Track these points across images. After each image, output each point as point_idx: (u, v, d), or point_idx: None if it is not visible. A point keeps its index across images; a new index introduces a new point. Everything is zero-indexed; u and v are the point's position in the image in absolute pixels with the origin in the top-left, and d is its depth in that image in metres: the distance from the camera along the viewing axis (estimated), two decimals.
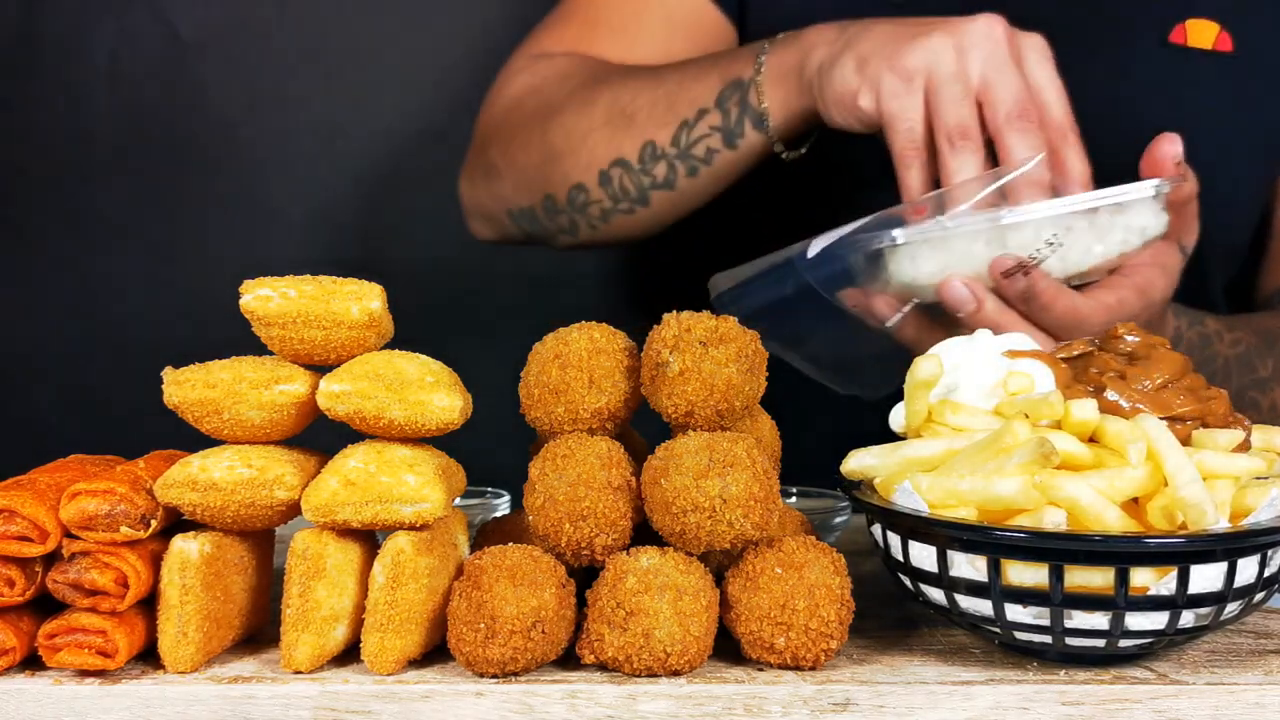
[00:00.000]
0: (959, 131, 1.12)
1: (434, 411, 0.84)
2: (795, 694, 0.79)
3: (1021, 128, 1.11)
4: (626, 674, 0.81)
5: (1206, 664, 0.84)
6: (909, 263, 1.09)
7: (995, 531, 0.79)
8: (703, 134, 1.34)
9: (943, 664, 0.84)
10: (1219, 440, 0.84)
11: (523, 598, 0.79)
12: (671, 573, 0.81)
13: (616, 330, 0.90)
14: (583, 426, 0.87)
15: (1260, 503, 0.81)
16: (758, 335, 0.86)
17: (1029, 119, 1.12)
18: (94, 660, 0.80)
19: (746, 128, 1.31)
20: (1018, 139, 1.11)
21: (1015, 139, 1.11)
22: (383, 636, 0.81)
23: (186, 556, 0.81)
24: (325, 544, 0.82)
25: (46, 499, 0.81)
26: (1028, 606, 0.80)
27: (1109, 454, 0.82)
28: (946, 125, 1.13)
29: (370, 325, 0.86)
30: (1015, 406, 0.85)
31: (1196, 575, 0.78)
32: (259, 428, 0.85)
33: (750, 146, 1.33)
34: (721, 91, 1.33)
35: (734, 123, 1.32)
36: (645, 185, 1.40)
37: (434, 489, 0.82)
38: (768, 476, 0.82)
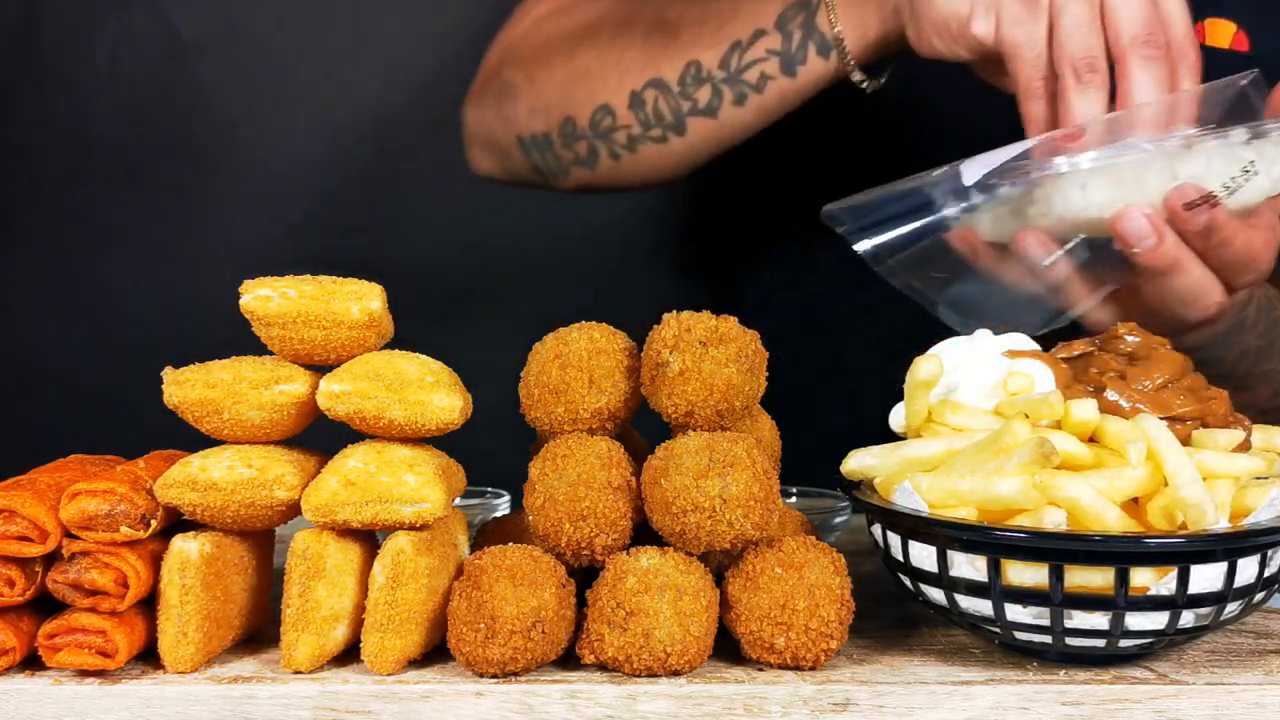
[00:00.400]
0: (1086, 65, 1.02)
1: (434, 411, 0.84)
2: (795, 694, 0.79)
3: (1148, 55, 1.02)
4: (626, 674, 0.81)
5: (1206, 664, 0.84)
6: (1078, 192, 1.00)
7: (995, 531, 0.79)
8: (757, 58, 1.22)
9: (943, 664, 0.84)
10: (1219, 440, 0.84)
11: (523, 598, 0.79)
12: (671, 573, 0.81)
13: (616, 330, 0.90)
14: (583, 426, 0.87)
15: (1260, 503, 0.81)
16: (757, 335, 0.86)
17: (1157, 45, 1.02)
18: (94, 660, 0.80)
19: (810, 53, 1.20)
20: (1142, 71, 1.01)
21: (1140, 70, 1.02)
22: (383, 636, 0.81)
23: (186, 556, 0.81)
24: (325, 544, 0.82)
25: (46, 499, 0.81)
26: (1028, 606, 0.80)
27: (1109, 454, 0.82)
28: (1073, 57, 1.02)
29: (370, 325, 0.86)
30: (1015, 406, 0.85)
31: (1196, 575, 0.78)
32: (259, 428, 0.85)
33: (812, 75, 1.21)
34: (783, 12, 1.21)
35: (795, 47, 1.20)
36: (684, 110, 1.27)
37: (434, 489, 0.82)
38: (768, 476, 0.82)
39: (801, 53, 1.20)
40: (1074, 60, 1.02)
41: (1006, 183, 1.00)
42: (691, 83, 1.25)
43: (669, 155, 1.30)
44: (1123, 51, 1.02)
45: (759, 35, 1.21)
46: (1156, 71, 1.01)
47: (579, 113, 1.32)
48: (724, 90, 1.24)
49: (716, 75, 1.24)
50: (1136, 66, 1.01)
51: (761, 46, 1.21)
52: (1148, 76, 1.01)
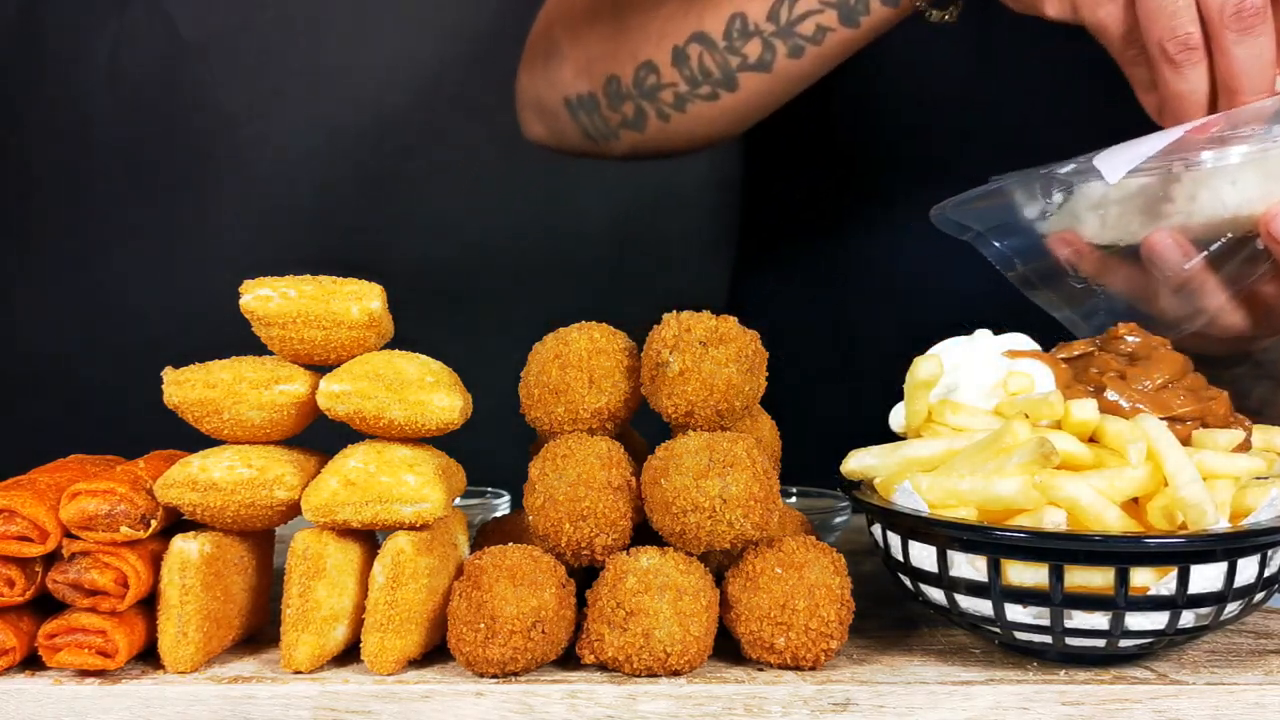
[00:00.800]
0: (1177, 45, 0.94)
1: (434, 411, 0.84)
2: (795, 694, 0.79)
3: (1243, 27, 0.92)
4: (626, 674, 0.81)
5: (1206, 664, 0.84)
6: (1229, 187, 0.93)
7: (995, 531, 0.79)
8: (810, 9, 1.14)
9: (943, 664, 0.84)
10: (1219, 440, 0.84)
11: (523, 598, 0.79)
12: (671, 573, 0.81)
13: (616, 330, 0.90)
14: (583, 426, 0.87)
15: (1260, 503, 0.81)
16: (758, 335, 0.86)
17: (1252, 12, 0.92)
18: (94, 660, 0.80)
19: (873, 3, 1.12)
20: (1238, 45, 0.92)
21: (1236, 46, 0.93)
22: (383, 636, 0.81)
23: (186, 556, 0.81)
24: (325, 544, 0.82)
25: (46, 499, 0.81)
26: (1028, 606, 0.80)
27: (1109, 454, 0.82)
28: (1160, 37, 0.94)
29: (370, 325, 0.86)
30: (1015, 406, 0.85)
31: (1196, 575, 0.78)
32: (259, 428, 0.85)
33: (876, 23, 1.13)
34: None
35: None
36: (732, 66, 1.19)
37: (434, 489, 0.82)
38: (768, 476, 0.82)
39: (862, 3, 1.12)
40: (1162, 41, 0.94)
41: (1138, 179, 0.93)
42: (738, 36, 1.17)
43: (723, 112, 1.23)
44: (1214, 27, 0.93)
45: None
46: (1254, 46, 0.93)
47: (623, 71, 1.26)
48: (775, 44, 1.16)
49: (765, 29, 1.16)
50: (1232, 42, 0.93)
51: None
52: (1245, 52, 0.93)
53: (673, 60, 1.22)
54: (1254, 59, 0.93)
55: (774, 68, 1.18)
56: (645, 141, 1.30)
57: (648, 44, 1.23)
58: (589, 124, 1.33)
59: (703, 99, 1.22)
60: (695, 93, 1.22)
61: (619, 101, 1.28)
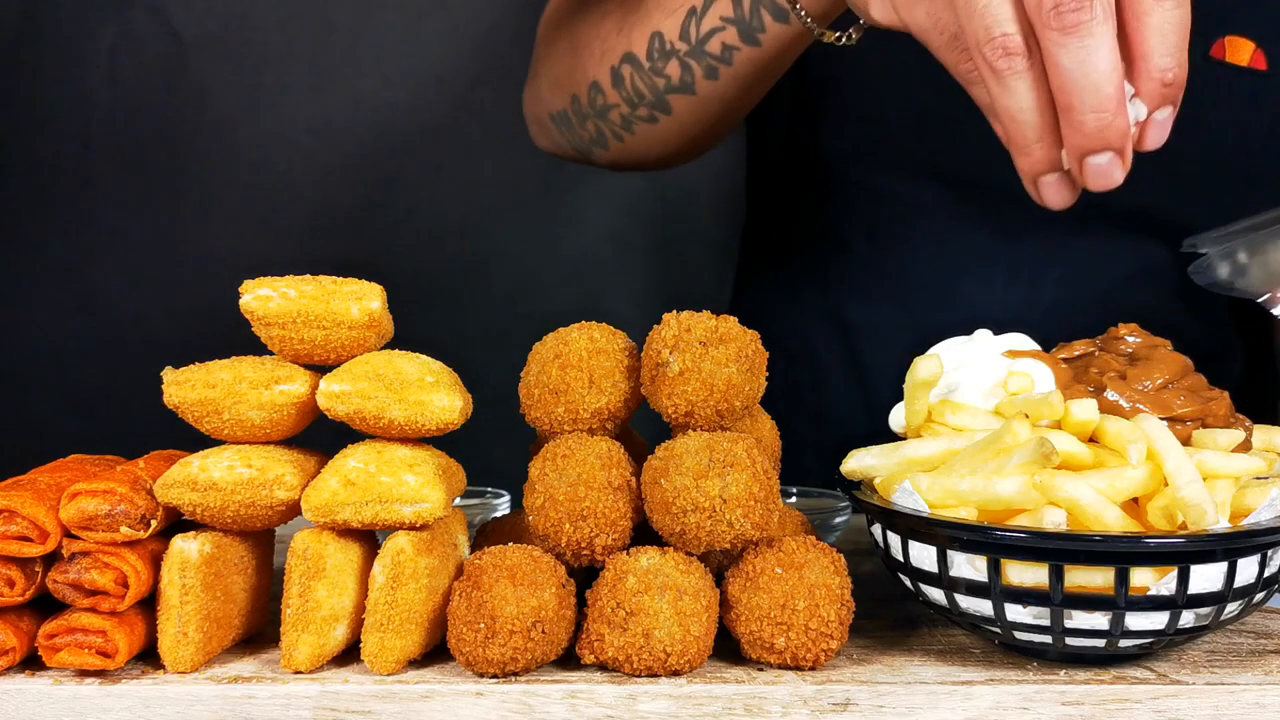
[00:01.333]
0: (996, 49, 0.80)
1: (434, 411, 0.84)
2: (795, 694, 0.79)
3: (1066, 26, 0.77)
4: (626, 674, 0.81)
5: (1206, 664, 0.84)
6: None
7: (995, 531, 0.79)
8: (714, 26, 1.08)
9: (943, 664, 0.84)
10: (1219, 440, 0.84)
11: (523, 598, 0.79)
12: (671, 573, 0.81)
13: (616, 330, 0.90)
14: (583, 426, 0.87)
15: (1260, 503, 0.81)
16: (758, 335, 0.86)
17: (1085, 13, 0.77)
18: (94, 660, 0.80)
19: (766, 20, 1.04)
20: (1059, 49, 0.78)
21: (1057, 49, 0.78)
22: (383, 636, 0.81)
23: (186, 556, 0.81)
24: (325, 544, 0.82)
25: (46, 499, 0.81)
26: (1028, 606, 0.81)
27: (1109, 454, 0.82)
28: (978, 41, 0.81)
29: (370, 325, 0.86)
30: (1015, 406, 0.85)
31: (1196, 575, 0.78)
32: (259, 428, 0.85)
33: (776, 42, 1.06)
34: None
35: (749, 13, 1.04)
36: (660, 88, 1.15)
37: (434, 489, 0.82)
38: (768, 476, 0.82)
39: (757, 19, 1.04)
40: (979, 45, 0.80)
41: None
42: (659, 57, 1.13)
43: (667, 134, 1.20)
44: (1036, 29, 0.79)
45: (711, 1, 1.08)
46: (1081, 52, 0.77)
47: (579, 90, 1.24)
48: (691, 65, 1.11)
49: (680, 48, 1.11)
50: (1054, 44, 0.78)
51: (716, 13, 1.07)
52: (1071, 59, 0.77)
53: (611, 81, 1.18)
54: (1082, 67, 0.77)
55: (696, 90, 1.13)
56: (618, 158, 1.27)
57: (592, 63, 1.20)
58: (567, 139, 1.32)
59: (643, 121, 1.19)
60: (635, 115, 1.19)
61: (583, 120, 1.26)
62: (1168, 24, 0.79)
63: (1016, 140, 0.84)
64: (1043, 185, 0.86)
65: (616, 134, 1.24)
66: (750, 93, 1.14)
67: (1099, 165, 0.82)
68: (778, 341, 0.86)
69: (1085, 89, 0.78)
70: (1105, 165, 0.82)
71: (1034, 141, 0.83)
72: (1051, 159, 0.84)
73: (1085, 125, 0.80)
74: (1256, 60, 1.31)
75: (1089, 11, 0.77)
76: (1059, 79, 0.78)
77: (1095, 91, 0.78)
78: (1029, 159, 0.84)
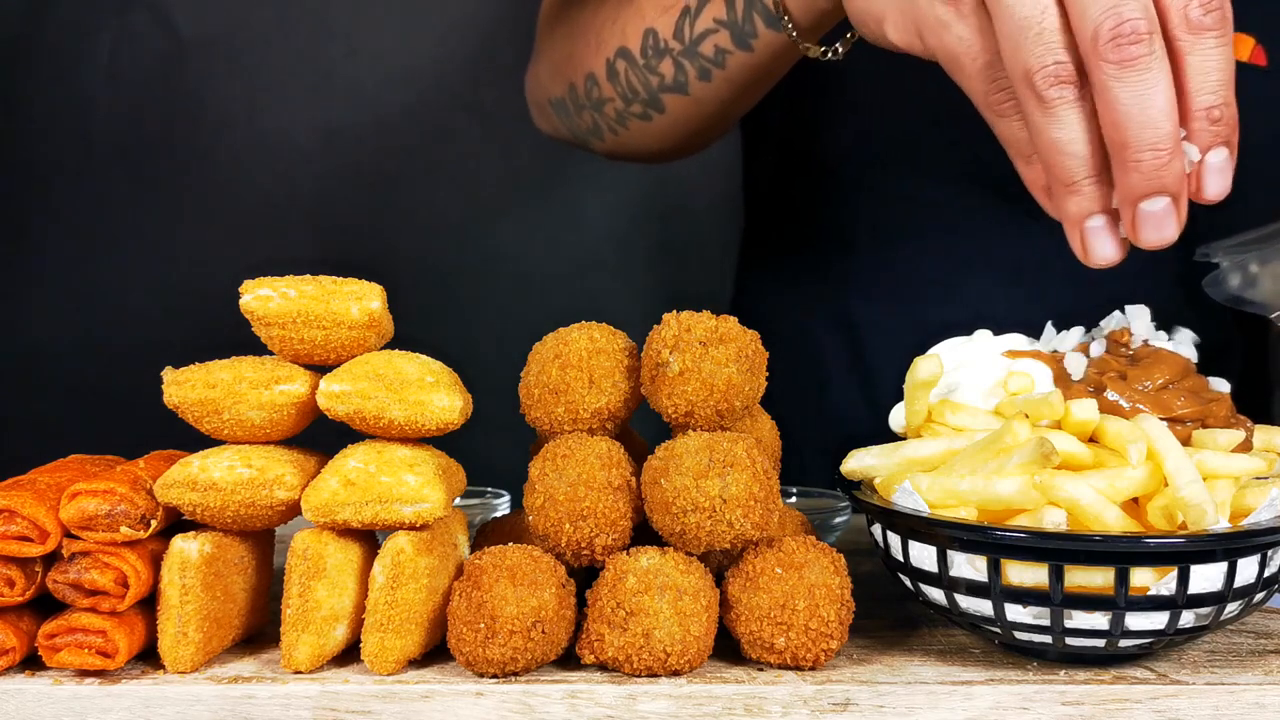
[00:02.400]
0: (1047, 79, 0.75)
1: (434, 411, 0.84)
2: (795, 694, 0.79)
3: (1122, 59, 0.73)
4: (626, 674, 0.81)
5: (1206, 664, 0.84)
6: None
7: (995, 531, 0.79)
8: (708, 29, 1.05)
9: (943, 664, 0.84)
10: (1219, 440, 0.84)
11: (523, 598, 0.79)
12: (671, 573, 0.81)
13: (616, 330, 0.90)
14: (583, 426, 0.87)
15: (1260, 503, 0.81)
16: (758, 335, 0.86)
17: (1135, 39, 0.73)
18: (94, 660, 0.80)
19: (758, 25, 1.01)
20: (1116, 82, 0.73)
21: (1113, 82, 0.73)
22: (383, 636, 0.81)
23: (186, 556, 0.81)
24: (325, 544, 0.82)
25: (46, 499, 0.81)
26: (1028, 606, 0.80)
27: (1109, 454, 0.82)
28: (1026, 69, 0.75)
29: (370, 325, 0.86)
30: (1015, 406, 0.85)
31: (1196, 575, 0.78)
32: (259, 428, 0.85)
33: (768, 48, 1.03)
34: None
35: (742, 18, 1.02)
36: (654, 86, 1.13)
37: (434, 489, 0.82)
38: (768, 476, 0.82)
39: (750, 25, 1.01)
40: (1028, 73, 0.76)
41: None
42: (652, 54, 1.10)
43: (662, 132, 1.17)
44: (1087, 60, 0.75)
45: (705, 2, 1.05)
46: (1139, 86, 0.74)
47: (577, 80, 1.21)
48: (685, 64, 1.08)
49: (674, 47, 1.08)
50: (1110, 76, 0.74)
51: (709, 15, 1.05)
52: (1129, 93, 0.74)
53: (606, 74, 1.16)
54: (1140, 102, 0.74)
55: (690, 90, 1.10)
56: (614, 150, 1.25)
57: (589, 54, 1.18)
58: (567, 126, 1.30)
59: (637, 118, 1.16)
60: (630, 111, 1.16)
61: (579, 110, 1.24)
62: (1208, 62, 0.76)
63: (1063, 177, 0.79)
64: (1090, 233, 0.81)
65: (611, 128, 1.22)
66: (745, 95, 1.12)
67: (1153, 213, 0.77)
68: (779, 341, 0.86)
69: (1144, 125, 0.74)
70: (1160, 213, 0.77)
71: (1084, 178, 0.78)
72: (1103, 198, 0.79)
73: (1142, 164, 0.75)
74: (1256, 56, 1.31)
75: (1148, 45, 0.73)
76: (1114, 114, 0.74)
77: (1154, 129, 0.75)
78: (1078, 197, 0.79)
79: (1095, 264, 0.82)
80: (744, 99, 1.13)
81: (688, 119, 1.15)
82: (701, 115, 1.14)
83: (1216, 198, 0.80)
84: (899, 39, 0.85)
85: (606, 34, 1.15)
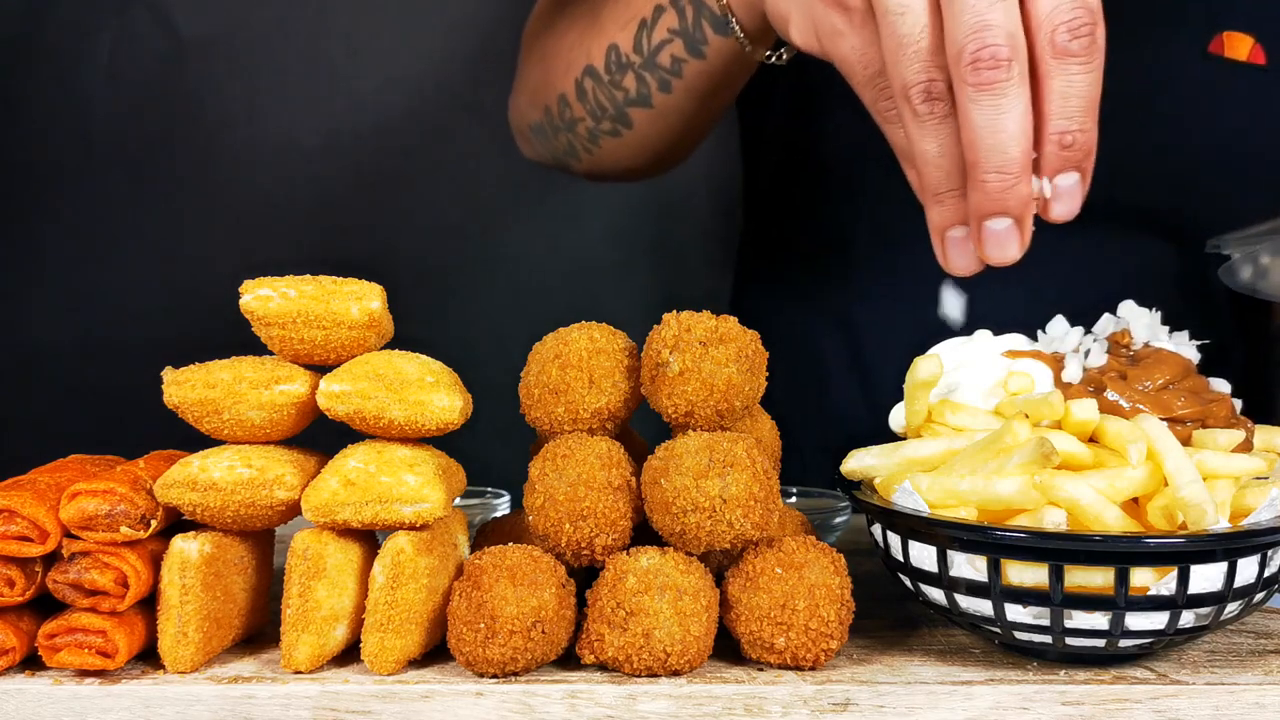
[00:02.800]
0: (918, 92, 0.79)
1: (434, 411, 0.84)
2: (795, 694, 0.79)
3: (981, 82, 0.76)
4: (626, 674, 0.81)
5: (1206, 664, 0.84)
6: None
7: (995, 531, 0.79)
8: (663, 39, 1.07)
9: (943, 664, 0.84)
10: (1219, 440, 0.84)
11: (523, 598, 0.79)
12: (671, 573, 0.81)
13: (616, 330, 0.90)
14: (583, 426, 0.87)
15: (1260, 503, 0.81)
16: (758, 335, 0.86)
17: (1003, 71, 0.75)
18: (94, 660, 0.80)
19: (707, 32, 1.03)
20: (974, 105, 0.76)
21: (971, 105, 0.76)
22: (383, 636, 0.81)
23: (186, 556, 0.81)
24: (325, 544, 0.82)
25: (46, 499, 0.81)
26: (1028, 606, 0.80)
27: (1109, 454, 0.82)
28: (903, 81, 0.79)
29: (370, 325, 0.86)
30: (1015, 406, 0.85)
31: (1196, 575, 0.78)
32: (259, 428, 0.85)
33: (720, 55, 1.04)
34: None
35: (692, 25, 1.03)
36: (620, 101, 1.14)
37: (434, 489, 0.82)
38: (768, 476, 0.82)
39: (699, 31, 1.03)
40: (905, 86, 0.79)
41: None
42: (616, 69, 1.12)
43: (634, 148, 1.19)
44: (953, 77, 0.77)
45: (659, 12, 1.06)
46: (993, 110, 0.76)
47: (550, 102, 1.23)
48: (646, 77, 1.10)
49: (634, 60, 1.10)
50: (968, 99, 0.76)
51: (664, 26, 1.06)
52: (983, 117, 0.76)
53: (576, 94, 1.18)
54: (991, 125, 0.76)
55: (653, 103, 1.12)
56: (591, 170, 1.27)
57: (559, 76, 1.20)
58: (547, 149, 1.32)
59: (608, 135, 1.18)
60: (600, 128, 1.18)
61: (555, 133, 1.26)
62: (1070, 88, 0.77)
63: (929, 186, 0.83)
64: (949, 242, 0.85)
65: (585, 148, 1.24)
66: (705, 107, 1.14)
67: (996, 232, 0.81)
68: (779, 341, 0.86)
69: (993, 149, 0.77)
70: (1002, 233, 0.81)
71: (946, 190, 0.82)
72: (961, 212, 0.83)
73: (987, 184, 0.78)
74: (1255, 55, 1.30)
75: (1006, 71, 0.75)
76: (968, 134, 0.77)
77: (1001, 152, 0.77)
78: (941, 207, 0.83)
79: (954, 272, 0.86)
80: (705, 110, 1.14)
81: (656, 133, 1.17)
82: (667, 128, 1.16)
83: (1062, 219, 0.82)
84: (800, 41, 0.88)
85: (573, 55, 1.17)
